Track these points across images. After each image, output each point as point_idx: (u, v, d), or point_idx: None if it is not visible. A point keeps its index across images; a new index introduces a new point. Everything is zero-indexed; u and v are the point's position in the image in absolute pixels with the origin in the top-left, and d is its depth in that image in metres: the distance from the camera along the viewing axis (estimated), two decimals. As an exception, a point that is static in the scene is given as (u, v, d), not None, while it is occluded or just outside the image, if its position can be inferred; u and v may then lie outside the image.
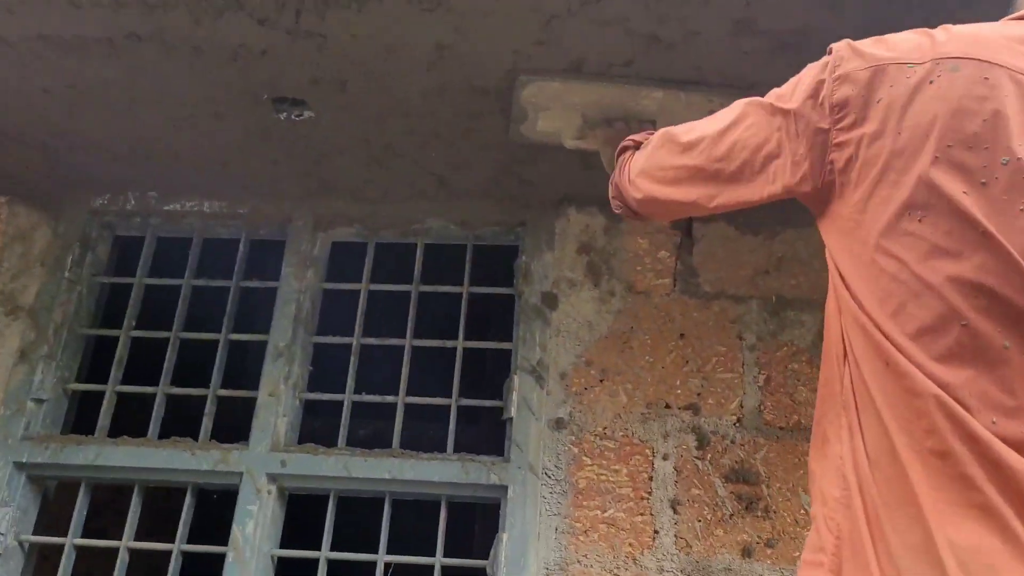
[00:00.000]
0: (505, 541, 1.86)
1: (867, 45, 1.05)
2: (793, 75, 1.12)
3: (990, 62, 0.95)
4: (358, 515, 2.54)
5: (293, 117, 1.93)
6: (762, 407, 1.95)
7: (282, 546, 1.99)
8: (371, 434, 2.25)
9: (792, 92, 1.12)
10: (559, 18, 1.54)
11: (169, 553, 1.98)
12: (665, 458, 1.92)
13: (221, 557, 1.94)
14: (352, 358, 2.14)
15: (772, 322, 2.03)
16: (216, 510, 2.12)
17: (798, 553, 1.82)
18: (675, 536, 1.86)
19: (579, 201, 2.16)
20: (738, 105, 1.19)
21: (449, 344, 2.13)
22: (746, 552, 1.84)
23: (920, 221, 0.96)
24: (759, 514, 1.87)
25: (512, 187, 2.14)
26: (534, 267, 2.11)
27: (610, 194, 1.42)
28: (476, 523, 3.42)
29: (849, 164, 1.04)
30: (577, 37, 1.58)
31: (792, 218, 2.10)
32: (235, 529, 1.93)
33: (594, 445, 1.95)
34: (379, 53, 1.69)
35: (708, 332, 2.03)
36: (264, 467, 1.98)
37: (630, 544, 1.86)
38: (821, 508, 1.04)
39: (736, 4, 1.50)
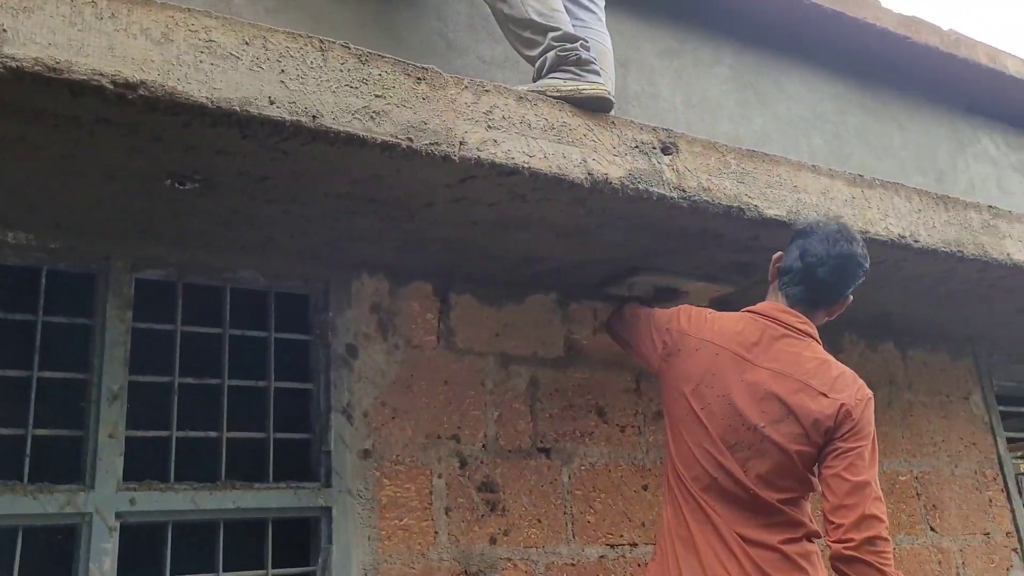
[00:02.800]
0: (334, 552, 2.36)
1: (684, 316, 2.30)
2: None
3: (718, 344, 2.16)
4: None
5: (176, 185, 2.09)
6: (498, 436, 2.75)
7: (111, 575, 2.15)
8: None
9: (662, 321, 2.34)
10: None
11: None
12: (439, 477, 2.60)
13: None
14: (173, 396, 2.33)
15: (502, 373, 2.82)
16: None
17: (522, 538, 2.68)
18: (448, 534, 2.57)
19: (370, 268, 2.66)
20: (651, 312, 2.42)
21: (260, 384, 2.47)
22: (492, 540, 2.63)
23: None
24: (499, 513, 2.67)
25: (326, 252, 2.54)
26: (339, 322, 2.56)
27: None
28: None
29: (662, 372, 2.26)
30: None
31: (513, 295, 2.91)
32: (93, 568, 2.05)
33: (391, 469, 2.53)
34: (324, 172, 2.03)
35: (463, 379, 2.74)
36: (114, 506, 2.12)
37: (419, 543, 2.51)
38: (658, 534, 2.17)
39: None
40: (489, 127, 2.10)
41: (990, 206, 3.18)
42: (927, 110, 4.62)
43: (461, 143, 2.04)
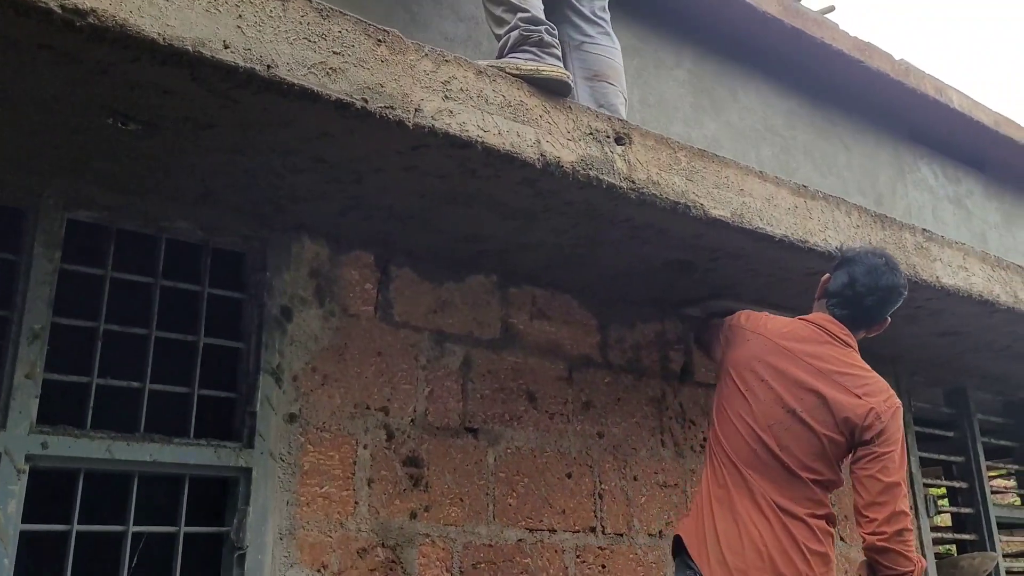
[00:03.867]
0: (250, 513, 2.32)
1: (744, 315, 2.57)
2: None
3: (768, 337, 2.43)
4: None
5: (118, 124, 2.02)
6: (427, 412, 2.74)
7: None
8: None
9: (727, 320, 2.61)
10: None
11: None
12: (365, 447, 2.58)
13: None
14: (96, 342, 2.26)
15: (436, 349, 2.81)
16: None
17: (442, 515, 2.68)
18: (369, 505, 2.55)
19: (311, 231, 2.62)
20: (722, 319, 2.69)
21: (189, 338, 2.41)
22: (413, 515, 2.62)
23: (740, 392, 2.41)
24: (422, 488, 2.66)
25: (266, 211, 2.49)
26: (275, 283, 2.52)
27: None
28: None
29: (721, 361, 2.52)
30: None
31: (454, 273, 2.90)
32: (-5, 509, 1.98)
33: (316, 436, 2.50)
34: (273, 124, 1.99)
35: (396, 352, 2.72)
36: (25, 448, 2.05)
37: (338, 512, 2.49)
38: (696, 493, 2.46)
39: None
40: (446, 97, 2.09)
41: (924, 229, 3.27)
42: (873, 134, 4.74)
43: (416, 110, 2.03)
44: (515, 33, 2.41)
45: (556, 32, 2.53)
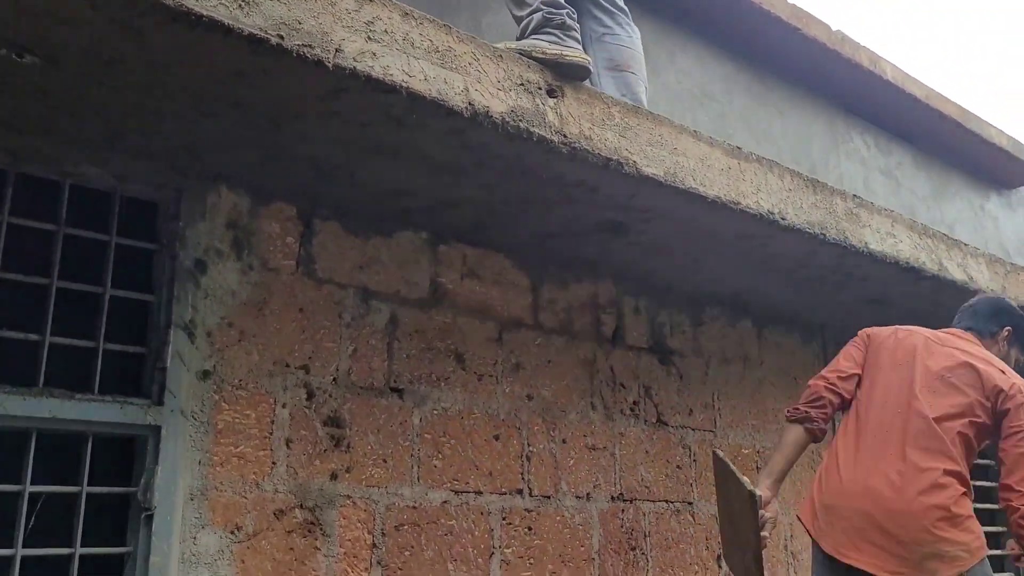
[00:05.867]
0: (159, 473, 2.22)
1: (869, 329, 2.93)
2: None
3: (911, 330, 2.87)
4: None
5: (14, 56, 1.88)
6: (350, 371, 2.65)
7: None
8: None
9: (855, 340, 2.93)
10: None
11: None
12: (284, 406, 2.49)
13: None
14: (-8, 292, 2.12)
15: (361, 307, 2.72)
16: None
17: (364, 476, 2.61)
18: (287, 466, 2.46)
19: (230, 181, 2.50)
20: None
21: (96, 289, 2.28)
22: (333, 476, 2.54)
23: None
24: (343, 449, 2.58)
25: (181, 158, 2.36)
26: (189, 234, 2.40)
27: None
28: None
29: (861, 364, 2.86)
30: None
31: (383, 229, 2.80)
32: None
33: (231, 394, 2.40)
34: (182, 62, 1.87)
35: (319, 309, 2.62)
36: (-91, 403, 1.91)
37: (254, 472, 2.40)
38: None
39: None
40: (369, 38, 1.99)
41: (855, 195, 3.28)
42: (808, 103, 4.76)
43: (337, 50, 1.92)
44: (538, 15, 2.48)
45: (576, 15, 2.58)
